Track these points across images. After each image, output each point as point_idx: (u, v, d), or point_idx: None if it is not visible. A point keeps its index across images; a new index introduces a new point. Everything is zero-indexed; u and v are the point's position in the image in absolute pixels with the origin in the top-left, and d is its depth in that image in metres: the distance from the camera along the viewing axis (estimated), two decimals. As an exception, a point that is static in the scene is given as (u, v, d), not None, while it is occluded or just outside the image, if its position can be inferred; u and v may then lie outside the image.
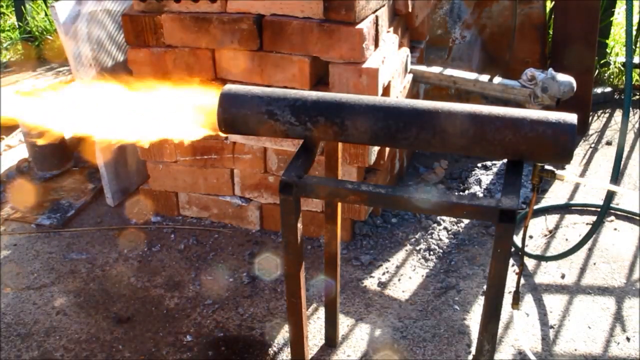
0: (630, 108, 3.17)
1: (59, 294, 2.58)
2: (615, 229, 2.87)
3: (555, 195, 3.12)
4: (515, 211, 1.48)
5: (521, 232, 1.80)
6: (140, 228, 2.98)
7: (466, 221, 2.91)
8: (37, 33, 5.20)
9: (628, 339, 2.29)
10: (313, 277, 2.61)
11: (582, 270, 2.63)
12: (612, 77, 4.07)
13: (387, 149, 2.80)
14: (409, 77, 3.03)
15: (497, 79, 2.90)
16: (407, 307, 2.47)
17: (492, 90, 2.90)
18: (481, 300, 2.47)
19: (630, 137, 3.59)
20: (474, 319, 2.39)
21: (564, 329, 2.34)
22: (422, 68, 3.06)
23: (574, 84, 2.69)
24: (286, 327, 2.37)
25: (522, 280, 2.56)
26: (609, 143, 3.58)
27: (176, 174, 2.93)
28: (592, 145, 3.56)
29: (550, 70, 2.71)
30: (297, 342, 1.95)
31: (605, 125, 3.75)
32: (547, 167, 1.64)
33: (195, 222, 3.00)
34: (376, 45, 2.55)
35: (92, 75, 2.84)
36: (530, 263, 2.69)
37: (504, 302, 1.63)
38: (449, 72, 3.02)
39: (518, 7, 3.41)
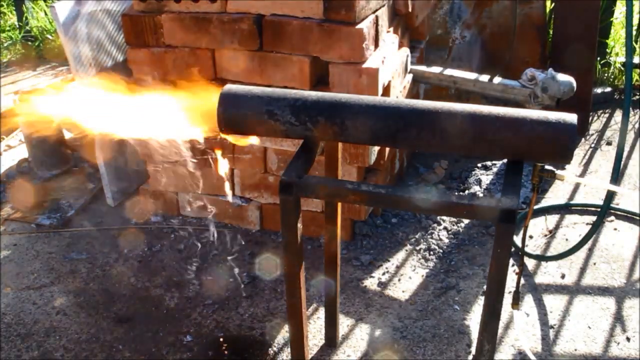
0: (630, 108, 3.17)
1: (59, 294, 2.58)
2: (615, 229, 2.87)
3: (555, 195, 3.12)
4: (515, 211, 1.48)
5: (521, 232, 1.80)
6: (140, 228, 2.98)
7: (466, 221, 2.91)
8: (37, 33, 5.21)
9: (628, 339, 2.29)
10: (313, 277, 2.61)
11: (582, 270, 2.63)
12: (612, 77, 4.07)
13: (387, 149, 2.80)
14: (409, 77, 3.03)
15: (497, 79, 2.90)
16: (407, 307, 2.47)
17: (492, 90, 2.90)
18: (481, 300, 2.47)
19: (630, 137, 3.59)
20: (474, 319, 2.39)
21: (564, 329, 2.34)
22: (422, 68, 3.06)
23: (574, 84, 2.69)
24: (286, 327, 2.36)
25: (522, 280, 2.56)
26: (609, 143, 3.58)
27: (176, 174, 2.93)
28: (592, 145, 3.56)
29: (550, 70, 2.71)
30: (297, 342, 1.94)
31: (605, 125, 3.75)
32: (547, 167, 1.64)
33: (195, 222, 3.00)
34: (376, 45, 2.55)
35: (92, 75, 2.84)
36: (530, 263, 2.69)
37: (504, 302, 1.63)
38: (449, 72, 3.01)
39: (518, 7, 3.41)
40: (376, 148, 2.68)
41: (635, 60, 3.97)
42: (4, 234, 2.95)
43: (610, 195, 2.53)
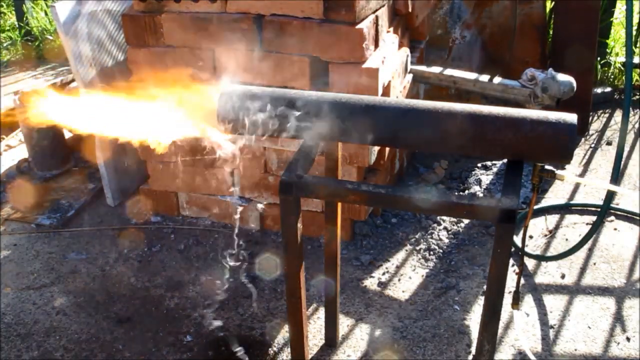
0: (630, 108, 3.17)
1: (59, 294, 2.58)
2: (615, 229, 2.87)
3: (555, 195, 3.13)
4: (515, 211, 1.48)
5: (521, 232, 1.80)
6: (140, 228, 2.98)
7: (466, 221, 2.91)
8: (37, 33, 5.20)
9: (628, 339, 2.29)
10: (313, 277, 2.61)
11: (582, 270, 2.63)
12: (612, 77, 4.07)
13: (387, 149, 2.80)
14: (409, 77, 3.03)
15: (497, 79, 2.90)
16: (407, 307, 2.47)
17: (492, 90, 2.90)
18: (481, 300, 2.47)
19: (630, 137, 3.60)
20: (474, 319, 2.39)
21: (564, 329, 2.34)
22: (422, 68, 3.06)
23: (574, 84, 2.69)
24: (286, 327, 2.36)
25: (522, 280, 2.56)
26: (609, 143, 3.58)
27: (176, 174, 2.93)
28: (592, 145, 3.56)
29: (550, 70, 2.71)
30: (297, 342, 1.94)
31: (605, 125, 3.75)
32: (547, 167, 1.64)
33: (195, 222, 3.00)
34: (376, 45, 2.55)
35: (92, 75, 2.84)
36: (530, 263, 2.69)
37: (504, 302, 1.63)
38: (449, 72, 3.02)
39: (518, 7, 3.41)
40: (376, 148, 2.68)
41: (635, 60, 3.97)
42: (4, 234, 2.95)
43: (610, 195, 2.53)
